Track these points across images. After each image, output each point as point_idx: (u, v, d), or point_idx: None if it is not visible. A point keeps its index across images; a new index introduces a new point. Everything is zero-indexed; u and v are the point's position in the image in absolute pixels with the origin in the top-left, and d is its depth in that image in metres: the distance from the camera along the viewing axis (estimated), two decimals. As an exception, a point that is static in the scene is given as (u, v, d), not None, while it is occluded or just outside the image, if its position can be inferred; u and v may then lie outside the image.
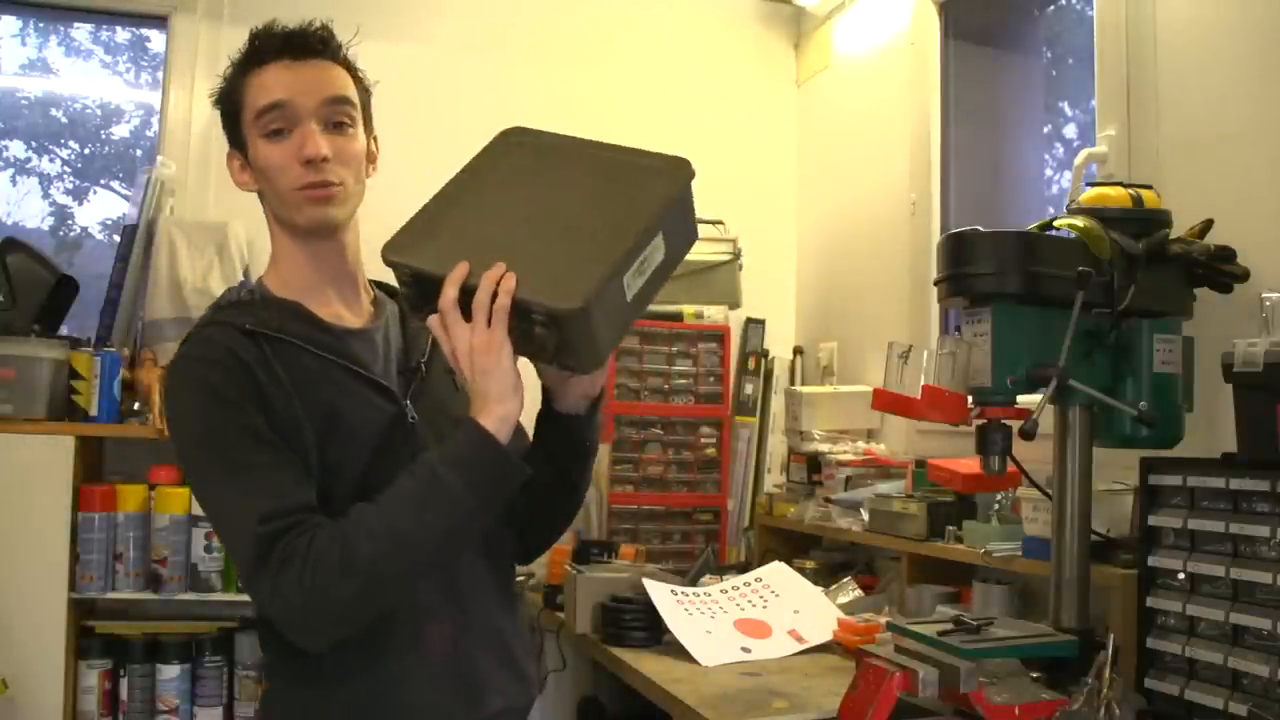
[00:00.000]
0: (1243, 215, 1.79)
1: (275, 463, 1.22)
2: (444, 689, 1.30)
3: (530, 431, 1.40)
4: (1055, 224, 1.71)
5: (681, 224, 1.43)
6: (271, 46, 1.32)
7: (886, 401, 1.68)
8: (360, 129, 1.35)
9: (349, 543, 1.16)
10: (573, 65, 3.37)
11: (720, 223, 3.28)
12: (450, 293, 1.17)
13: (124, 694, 2.64)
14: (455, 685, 1.31)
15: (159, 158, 2.94)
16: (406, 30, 3.15)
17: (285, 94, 1.29)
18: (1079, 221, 1.66)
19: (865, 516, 2.52)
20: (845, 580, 2.51)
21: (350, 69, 1.36)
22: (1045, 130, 3.06)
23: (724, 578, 2.52)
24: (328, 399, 1.27)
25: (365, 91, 1.38)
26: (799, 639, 2.20)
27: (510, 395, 1.19)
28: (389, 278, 1.47)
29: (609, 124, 3.41)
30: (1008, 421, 1.66)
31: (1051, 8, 2.97)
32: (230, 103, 1.35)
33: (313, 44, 1.32)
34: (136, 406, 2.68)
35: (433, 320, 1.20)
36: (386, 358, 1.38)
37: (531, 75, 3.31)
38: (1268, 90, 1.82)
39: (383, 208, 1.46)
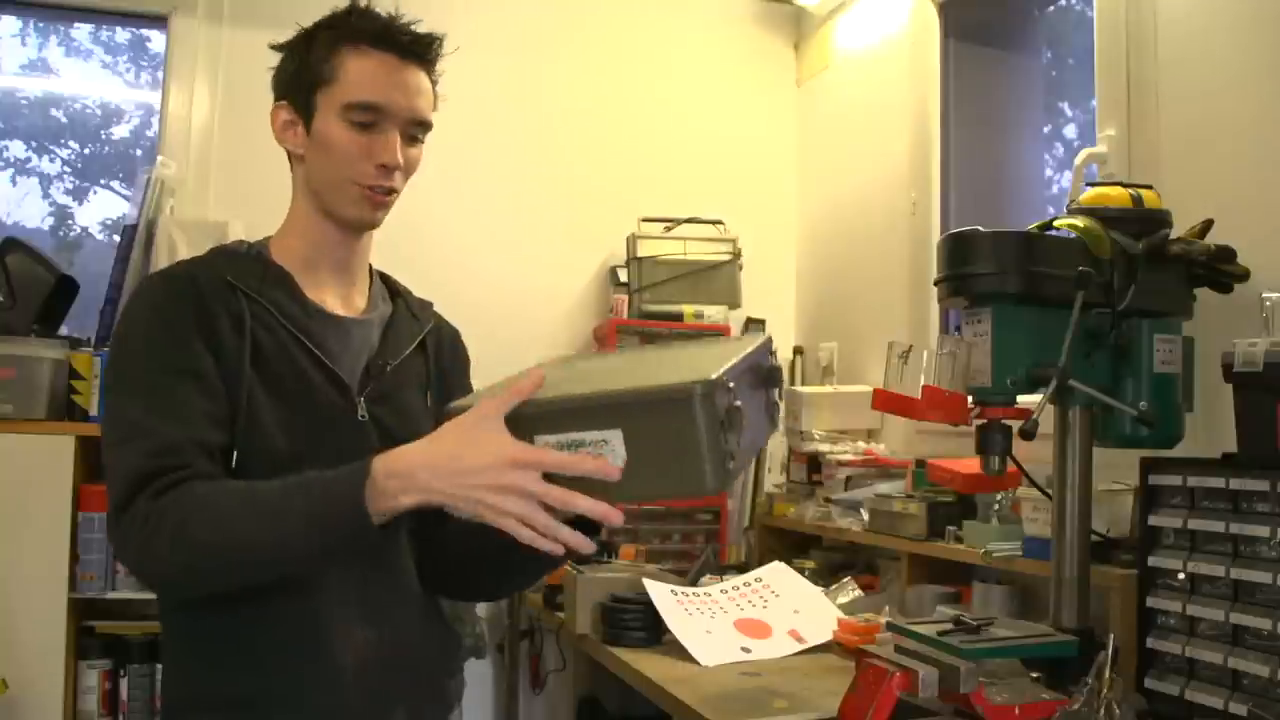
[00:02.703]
0: (1243, 215, 1.79)
1: (197, 392, 1.18)
2: (349, 699, 1.23)
3: None
4: (1055, 224, 1.71)
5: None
6: (382, 33, 1.28)
7: (886, 401, 1.68)
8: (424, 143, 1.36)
9: (191, 519, 1.11)
10: (573, 66, 3.37)
11: (720, 223, 3.28)
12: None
13: (124, 694, 2.65)
14: (361, 698, 1.24)
15: (159, 158, 2.94)
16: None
17: (385, 99, 1.26)
18: (1079, 221, 1.66)
19: (865, 516, 2.52)
20: (845, 580, 2.51)
21: (434, 80, 1.34)
22: (1045, 130, 3.06)
23: (724, 578, 2.51)
24: (278, 372, 1.24)
25: (436, 105, 1.36)
26: (799, 639, 2.20)
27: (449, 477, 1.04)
28: (398, 273, 1.48)
29: (609, 124, 3.44)
30: (1008, 421, 1.66)
31: (1051, 8, 2.97)
32: (314, 67, 1.28)
33: (421, 50, 1.30)
34: (136, 406, 2.68)
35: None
36: (358, 353, 1.33)
37: (532, 75, 3.31)
38: (1268, 90, 1.82)
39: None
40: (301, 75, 1.30)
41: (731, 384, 0.99)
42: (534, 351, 3.27)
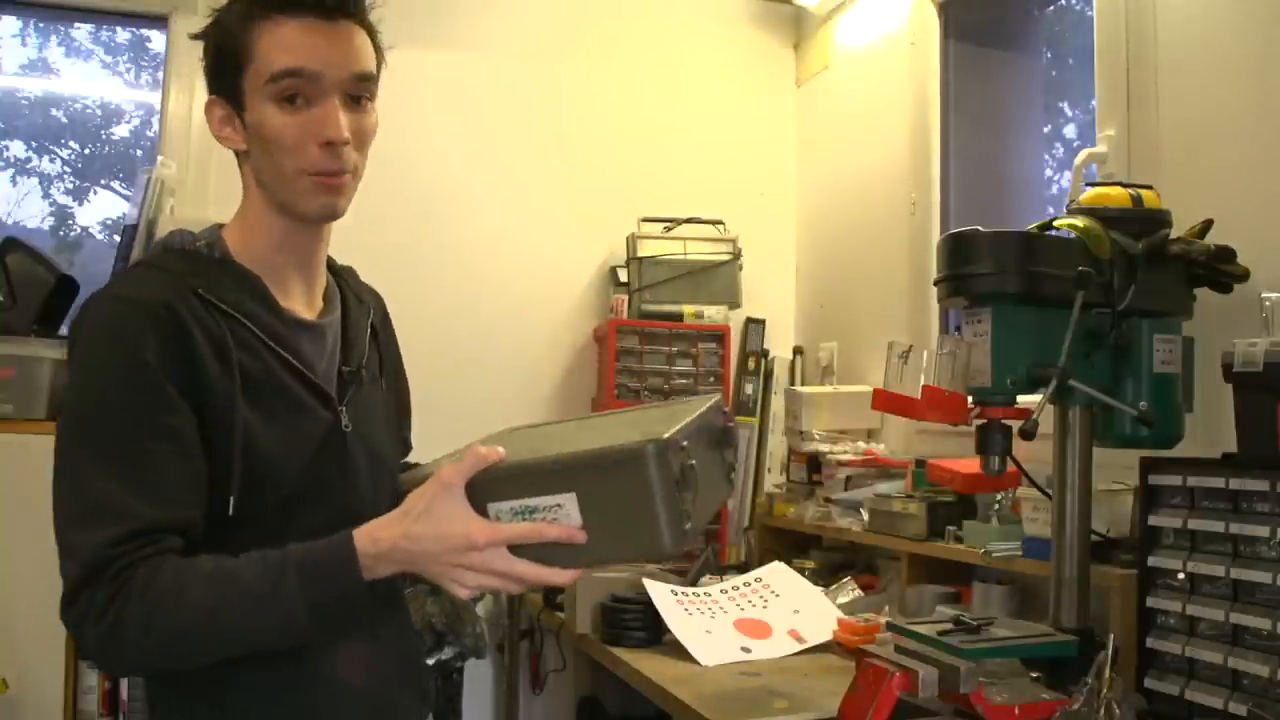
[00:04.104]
0: (1243, 215, 1.79)
1: (175, 457, 1.07)
2: (356, 716, 1.22)
3: None
4: (1055, 224, 1.71)
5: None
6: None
7: (886, 401, 1.68)
8: (374, 103, 1.21)
9: (160, 608, 1.02)
10: (573, 66, 3.37)
11: (720, 223, 3.28)
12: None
13: (124, 694, 2.64)
14: (366, 712, 1.22)
15: (159, 158, 2.94)
16: (401, 32, 3.15)
17: (313, 63, 1.12)
18: (1079, 221, 1.66)
19: (865, 516, 2.52)
20: (845, 580, 2.51)
21: (373, 33, 1.21)
22: (1045, 130, 3.07)
23: (724, 578, 2.52)
24: (269, 398, 1.14)
25: (381, 59, 1.23)
26: (799, 639, 2.20)
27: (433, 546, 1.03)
28: (399, 275, 1.45)
29: (609, 124, 3.44)
30: (1008, 421, 1.66)
31: (1051, 8, 2.97)
32: (230, 50, 1.15)
33: (345, 7, 1.15)
34: (136, 406, 2.68)
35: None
36: (330, 358, 1.25)
37: (532, 76, 3.31)
38: (1268, 90, 1.82)
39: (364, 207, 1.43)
40: (222, 63, 1.17)
41: (685, 443, 1.00)
42: (534, 351, 3.31)
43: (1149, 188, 1.77)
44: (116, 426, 1.07)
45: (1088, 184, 1.86)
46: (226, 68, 1.16)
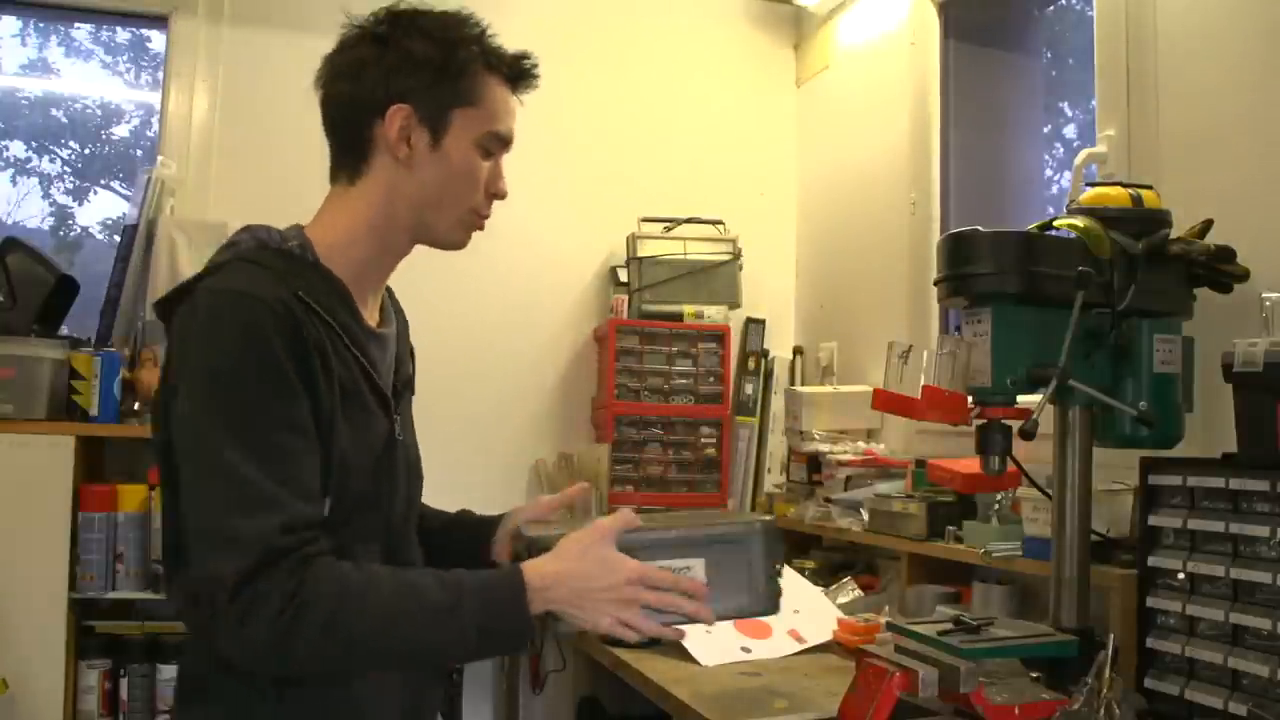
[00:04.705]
0: (1243, 215, 1.79)
1: (306, 451, 1.10)
2: (396, 708, 1.25)
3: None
4: (1055, 224, 1.71)
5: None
6: (519, 68, 1.30)
7: (886, 401, 1.68)
8: None
9: (346, 609, 1.06)
10: (574, 66, 3.37)
11: (720, 223, 3.28)
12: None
13: (124, 694, 2.64)
14: (404, 706, 1.26)
15: (159, 158, 2.94)
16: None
17: (512, 131, 1.29)
18: (1079, 221, 1.66)
19: (865, 516, 2.52)
20: (845, 580, 2.51)
21: None
22: (1045, 130, 3.07)
23: (724, 578, 2.51)
24: (354, 406, 1.17)
25: None
26: (799, 639, 2.20)
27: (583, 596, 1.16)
28: (399, 275, 1.47)
29: (609, 124, 3.43)
30: (1008, 421, 1.66)
31: (1051, 8, 2.97)
32: (456, 84, 1.23)
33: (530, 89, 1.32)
34: (136, 406, 2.68)
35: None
36: (390, 370, 1.30)
37: (531, 75, 3.31)
38: (1268, 90, 1.82)
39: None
40: (441, 87, 1.23)
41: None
42: (534, 351, 3.30)
43: (1149, 188, 1.77)
44: (257, 418, 1.08)
45: (1088, 184, 1.86)
46: (444, 96, 1.23)
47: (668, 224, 3.25)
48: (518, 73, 1.29)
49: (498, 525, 1.42)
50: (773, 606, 1.30)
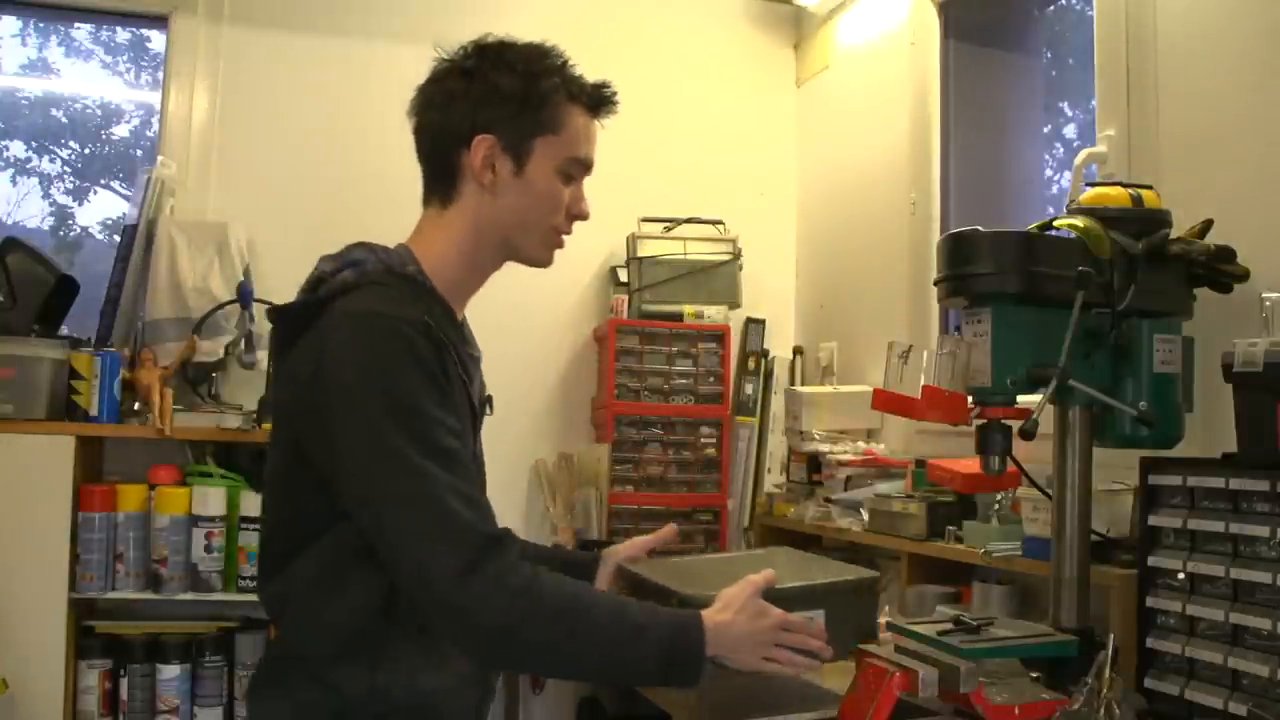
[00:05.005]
0: (1243, 215, 1.79)
1: (465, 457, 1.21)
2: (473, 692, 1.33)
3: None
4: (1055, 224, 1.71)
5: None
6: (595, 101, 1.36)
7: (886, 401, 1.68)
8: None
9: (567, 613, 1.17)
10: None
11: (720, 223, 3.28)
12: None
13: (124, 694, 2.65)
14: (481, 689, 1.34)
15: (159, 158, 2.94)
16: (404, 33, 3.15)
17: (592, 157, 1.36)
18: (1079, 221, 1.66)
19: (865, 516, 2.52)
20: (844, 579, 2.51)
21: None
22: (1045, 130, 3.07)
23: (724, 578, 2.51)
24: (464, 428, 1.26)
25: None
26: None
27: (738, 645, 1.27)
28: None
29: (609, 124, 3.42)
30: (1008, 421, 1.66)
31: (1051, 8, 2.97)
32: (538, 114, 1.31)
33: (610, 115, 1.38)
34: (136, 406, 2.68)
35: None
36: (477, 389, 1.39)
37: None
38: (1268, 90, 1.82)
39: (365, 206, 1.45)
40: (523, 118, 1.31)
41: None
42: (534, 351, 3.30)
43: (1149, 188, 1.77)
44: (434, 428, 1.18)
45: (1088, 184, 1.86)
46: (526, 125, 1.31)
47: (668, 224, 3.25)
48: (598, 100, 1.36)
49: (598, 565, 1.51)
50: (874, 636, 1.57)
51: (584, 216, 1.37)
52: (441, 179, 1.34)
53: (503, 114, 1.31)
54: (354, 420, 1.16)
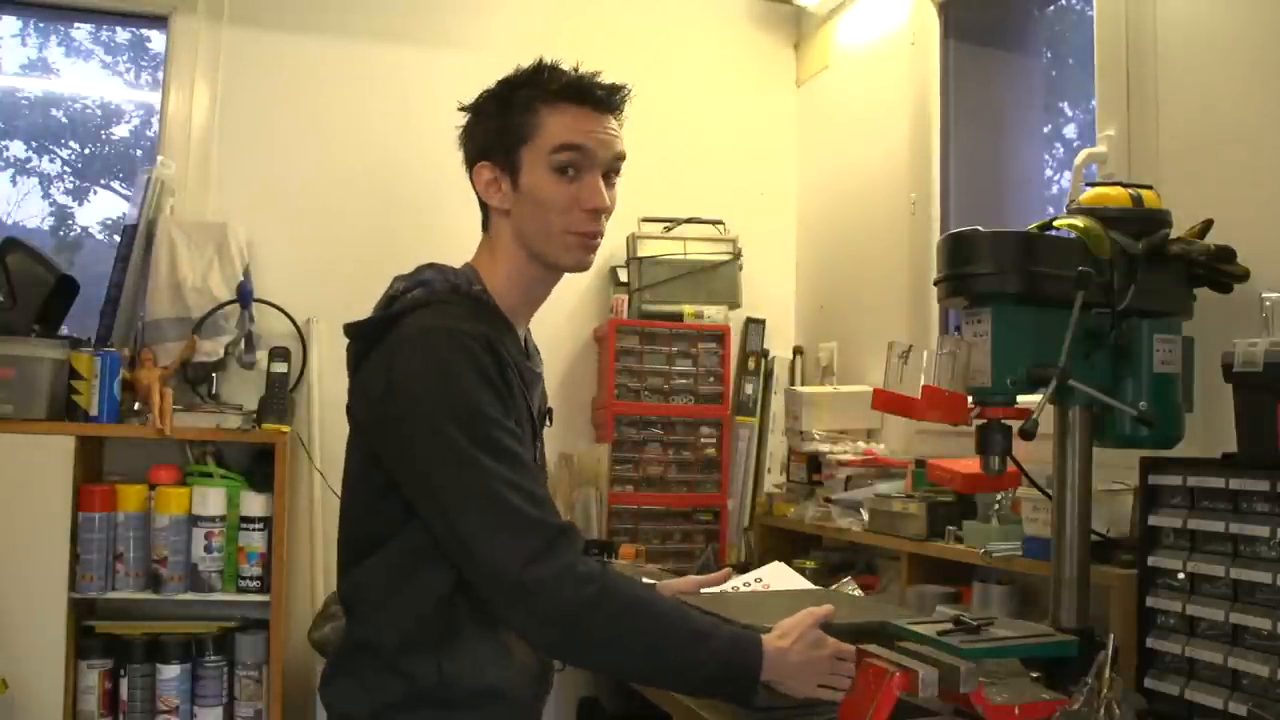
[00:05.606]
0: (1243, 215, 1.79)
1: (527, 458, 1.26)
2: (532, 683, 1.38)
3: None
4: (1055, 224, 1.71)
5: None
6: (575, 88, 1.36)
7: (886, 401, 1.67)
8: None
9: (630, 613, 1.23)
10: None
11: (720, 223, 3.28)
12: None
13: (124, 694, 2.65)
14: (539, 681, 1.40)
15: (159, 158, 2.94)
16: (404, 33, 3.15)
17: (589, 143, 1.35)
18: (1079, 221, 1.66)
19: (865, 516, 2.52)
20: (845, 580, 2.50)
21: (620, 125, 1.44)
22: (1045, 130, 3.06)
23: (724, 578, 2.51)
24: (525, 435, 1.31)
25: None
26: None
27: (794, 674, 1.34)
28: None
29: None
30: (1008, 421, 1.66)
31: (1051, 8, 2.97)
32: (515, 127, 1.35)
33: (614, 104, 1.41)
34: (136, 406, 2.68)
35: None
36: (537, 402, 1.44)
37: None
38: (1268, 90, 1.82)
39: (370, 206, 1.45)
40: (503, 135, 1.36)
41: None
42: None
43: (1149, 188, 1.77)
44: (503, 436, 1.24)
45: (1088, 184, 1.86)
46: (508, 140, 1.36)
47: (668, 224, 3.25)
48: (578, 89, 1.36)
49: None
50: None
51: (599, 208, 1.36)
52: (481, 209, 1.43)
53: (489, 137, 1.38)
54: (423, 428, 1.23)
